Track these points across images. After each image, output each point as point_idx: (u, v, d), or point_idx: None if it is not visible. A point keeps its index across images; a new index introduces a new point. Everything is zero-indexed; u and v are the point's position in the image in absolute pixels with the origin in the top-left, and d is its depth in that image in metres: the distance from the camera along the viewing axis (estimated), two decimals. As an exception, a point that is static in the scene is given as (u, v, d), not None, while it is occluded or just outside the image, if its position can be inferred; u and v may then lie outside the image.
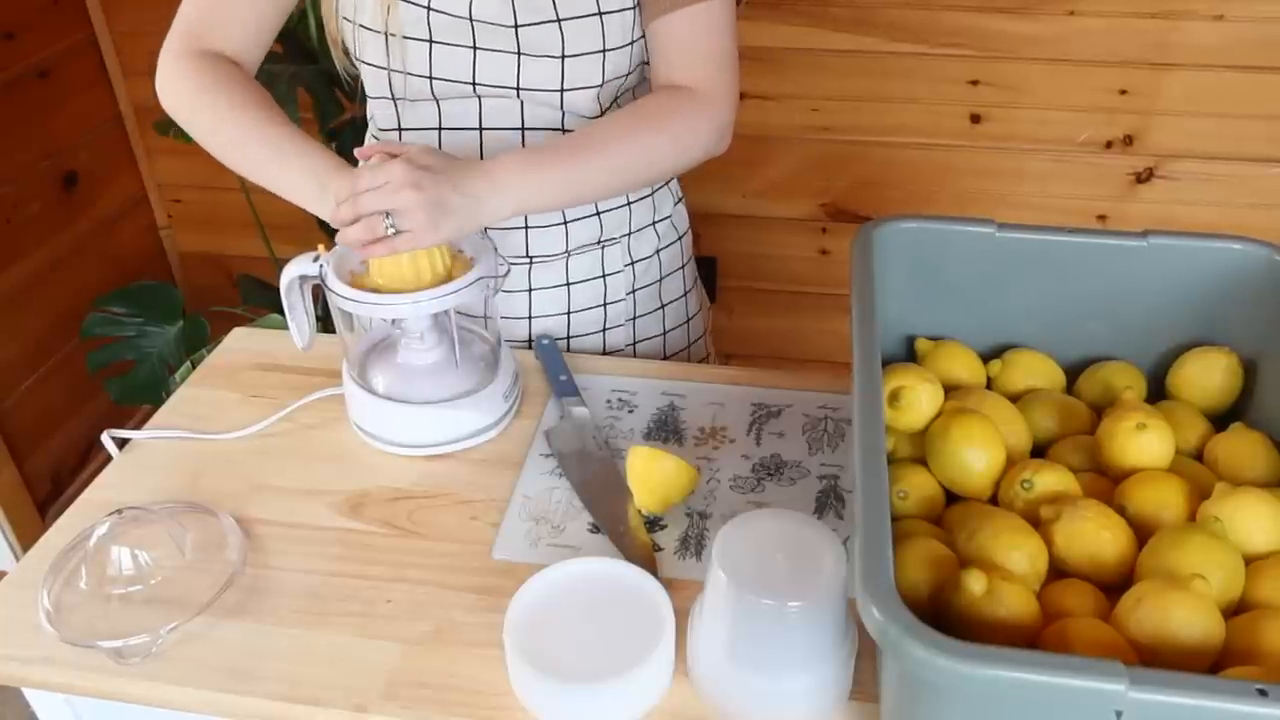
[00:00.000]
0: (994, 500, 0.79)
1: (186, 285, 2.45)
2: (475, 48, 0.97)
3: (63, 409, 2.16)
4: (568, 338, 1.14)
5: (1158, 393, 0.91)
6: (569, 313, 1.12)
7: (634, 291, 1.15)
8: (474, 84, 0.99)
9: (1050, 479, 0.76)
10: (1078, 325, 0.92)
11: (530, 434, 0.98)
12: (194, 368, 1.11)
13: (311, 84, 1.76)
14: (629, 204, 1.11)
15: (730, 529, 0.71)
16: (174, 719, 0.80)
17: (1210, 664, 0.62)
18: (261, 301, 2.03)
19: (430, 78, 0.99)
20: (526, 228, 1.06)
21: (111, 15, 2.11)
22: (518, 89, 0.99)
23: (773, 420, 1.00)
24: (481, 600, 0.81)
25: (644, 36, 0.99)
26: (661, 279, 1.18)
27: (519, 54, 0.97)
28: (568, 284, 1.11)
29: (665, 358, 1.21)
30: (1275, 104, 1.83)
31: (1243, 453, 0.80)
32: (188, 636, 0.78)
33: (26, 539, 2.03)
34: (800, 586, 0.66)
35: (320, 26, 1.89)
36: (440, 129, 1.03)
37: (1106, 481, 0.79)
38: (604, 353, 1.16)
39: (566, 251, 1.09)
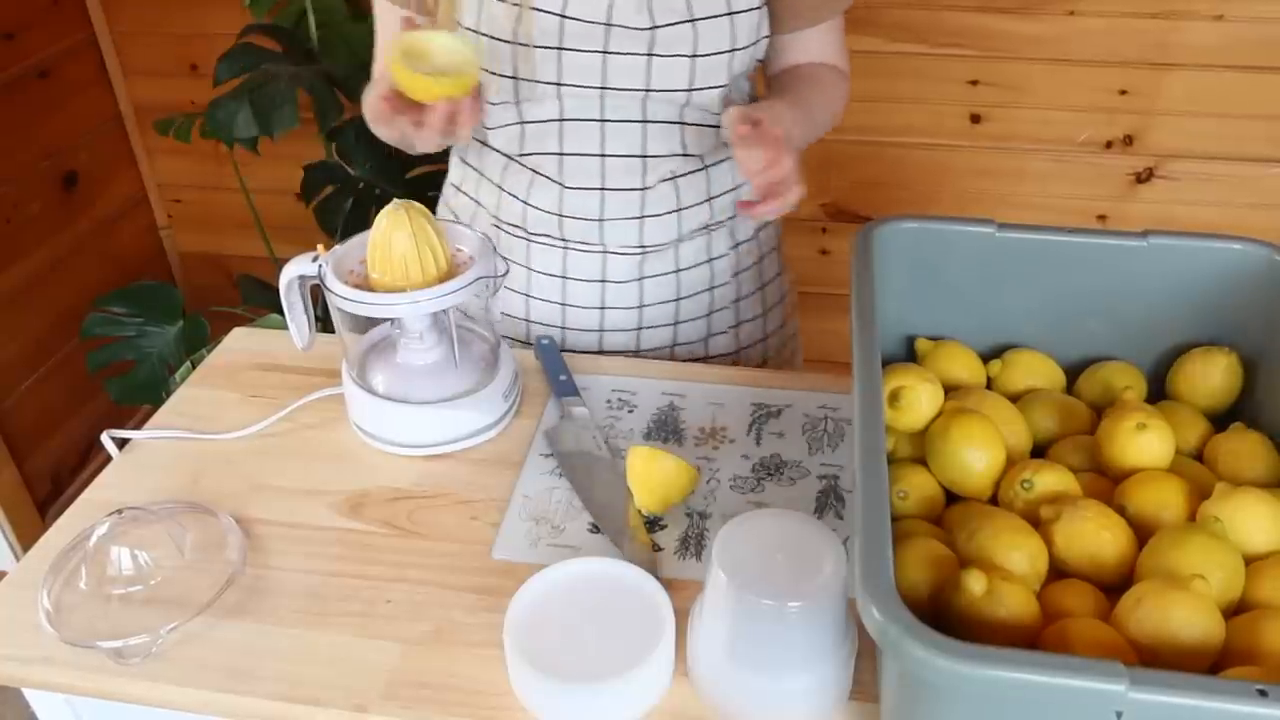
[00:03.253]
0: (994, 500, 0.79)
1: (186, 285, 2.45)
2: (606, 52, 0.97)
3: (63, 409, 2.16)
4: (675, 324, 1.14)
5: (1158, 393, 0.91)
6: (678, 299, 1.13)
7: (738, 274, 1.16)
8: (602, 88, 0.99)
9: (1050, 479, 0.76)
10: (1078, 325, 0.92)
11: (530, 434, 0.98)
12: (194, 368, 1.11)
13: (311, 84, 1.76)
14: (735, 187, 1.11)
15: (730, 529, 0.71)
16: (174, 719, 0.80)
17: (1210, 664, 0.62)
18: (261, 301, 2.03)
19: (558, 84, 0.99)
20: (642, 218, 1.06)
21: (111, 15, 2.11)
22: (647, 89, 0.99)
23: (773, 420, 1.00)
24: (481, 600, 0.81)
25: (769, 36, 1.03)
26: (761, 259, 1.19)
27: (650, 55, 0.97)
28: (677, 270, 1.11)
29: (764, 338, 1.22)
30: (1275, 104, 1.83)
31: (1243, 453, 0.80)
32: (188, 636, 0.78)
33: (26, 539, 2.03)
34: (800, 586, 0.66)
35: (320, 26, 1.90)
36: (561, 120, 1.02)
37: (1106, 481, 0.79)
38: (708, 336, 1.16)
39: (678, 238, 1.09)
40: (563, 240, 1.08)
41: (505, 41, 0.96)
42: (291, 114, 1.71)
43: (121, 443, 0.97)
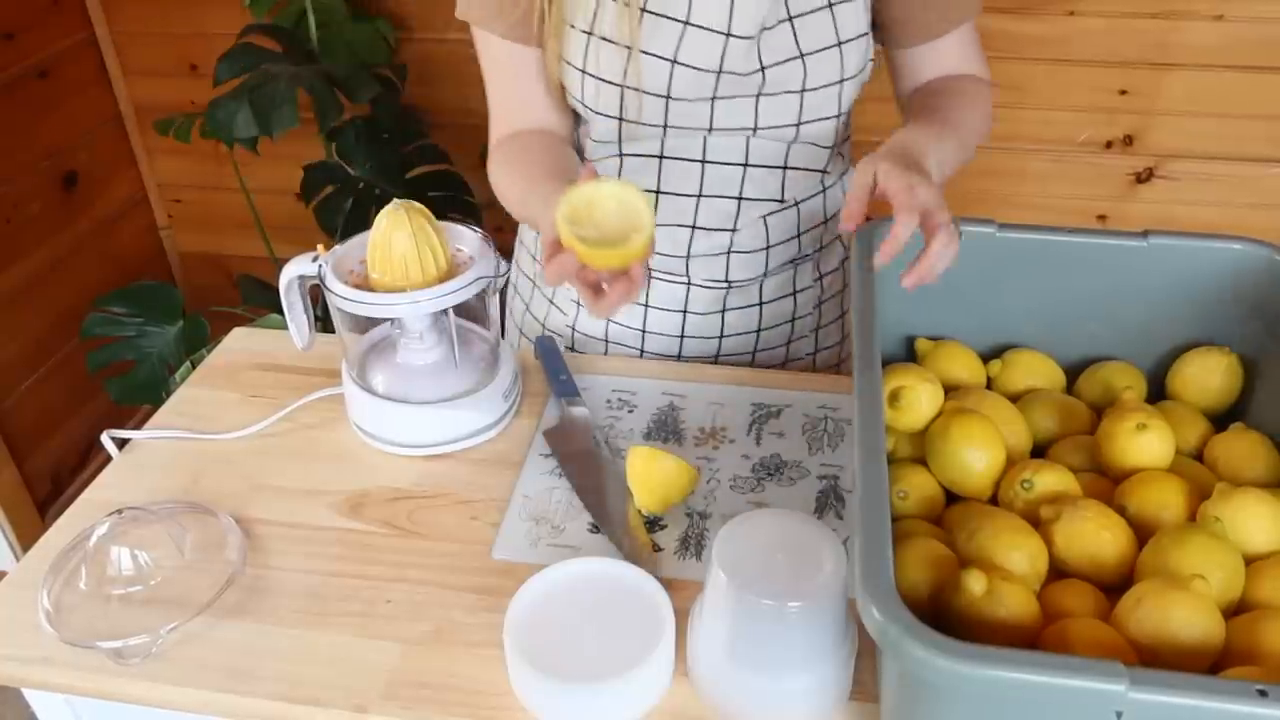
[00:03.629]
0: (994, 500, 0.79)
1: (186, 285, 2.45)
2: (715, 98, 0.94)
3: (63, 409, 2.16)
4: (753, 352, 1.13)
5: (1158, 393, 0.91)
6: (759, 330, 1.11)
7: (821, 304, 1.14)
8: (709, 129, 0.97)
9: (1050, 479, 0.76)
10: (1078, 325, 0.92)
11: (530, 434, 0.98)
12: (194, 368, 1.11)
13: (311, 84, 1.76)
14: (824, 222, 1.08)
15: (730, 529, 0.71)
16: (174, 719, 0.80)
17: (1210, 664, 0.62)
18: (261, 301, 2.03)
19: (665, 126, 0.96)
20: (729, 253, 1.04)
21: (111, 15, 2.11)
22: (754, 128, 0.97)
23: (773, 420, 0.99)
24: (481, 600, 0.81)
25: (873, 61, 0.97)
26: (844, 287, 1.16)
27: (759, 95, 0.94)
28: (760, 304, 1.09)
29: (840, 362, 1.20)
30: (1275, 104, 1.83)
31: (1243, 453, 0.80)
32: (188, 636, 0.78)
33: (26, 539, 2.03)
34: (800, 586, 0.66)
35: (320, 26, 1.90)
36: (661, 157, 0.99)
37: (1106, 481, 0.79)
38: (784, 363, 1.15)
39: (764, 274, 1.07)
40: (647, 270, 1.07)
41: (613, 84, 0.93)
42: (291, 114, 1.71)
43: (121, 443, 0.97)
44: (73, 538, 0.84)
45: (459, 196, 1.98)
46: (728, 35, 0.91)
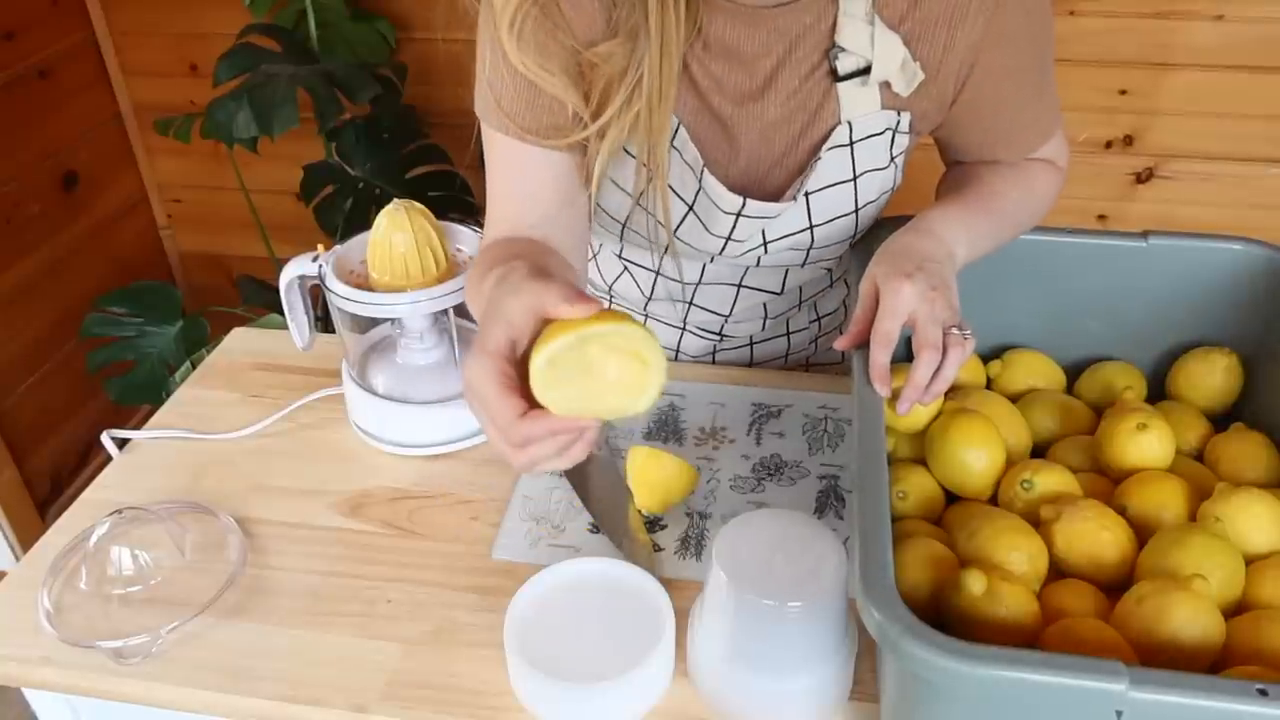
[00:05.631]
0: (994, 500, 0.79)
1: (186, 285, 2.45)
2: (713, 258, 0.92)
3: (63, 409, 2.16)
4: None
5: (1158, 393, 0.91)
6: (750, 364, 1.10)
7: (817, 339, 1.12)
8: (710, 261, 0.94)
9: (1050, 479, 0.76)
10: (1078, 325, 0.92)
11: (530, 434, 0.98)
12: (194, 368, 1.11)
13: (311, 84, 1.76)
14: (828, 286, 1.07)
15: (730, 529, 0.71)
16: (174, 719, 0.80)
17: (1210, 664, 0.62)
18: (261, 301, 2.03)
19: (666, 248, 0.92)
20: (725, 320, 1.03)
21: (111, 15, 2.11)
22: (758, 264, 0.94)
23: (773, 420, 0.99)
24: (481, 600, 0.81)
25: (899, 181, 0.90)
26: (841, 325, 1.13)
27: (760, 258, 0.92)
28: (751, 344, 1.09)
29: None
30: (1275, 104, 1.83)
31: (1243, 453, 0.80)
32: (188, 636, 0.78)
33: (26, 539, 2.03)
34: (800, 586, 0.66)
35: (320, 26, 1.89)
36: (661, 262, 0.97)
37: (1106, 481, 0.79)
38: None
39: (763, 317, 1.05)
40: (644, 315, 1.07)
41: (616, 220, 0.90)
42: (291, 114, 1.71)
43: (121, 443, 0.97)
44: (73, 538, 0.85)
45: (459, 196, 1.98)
46: (727, 239, 0.88)
